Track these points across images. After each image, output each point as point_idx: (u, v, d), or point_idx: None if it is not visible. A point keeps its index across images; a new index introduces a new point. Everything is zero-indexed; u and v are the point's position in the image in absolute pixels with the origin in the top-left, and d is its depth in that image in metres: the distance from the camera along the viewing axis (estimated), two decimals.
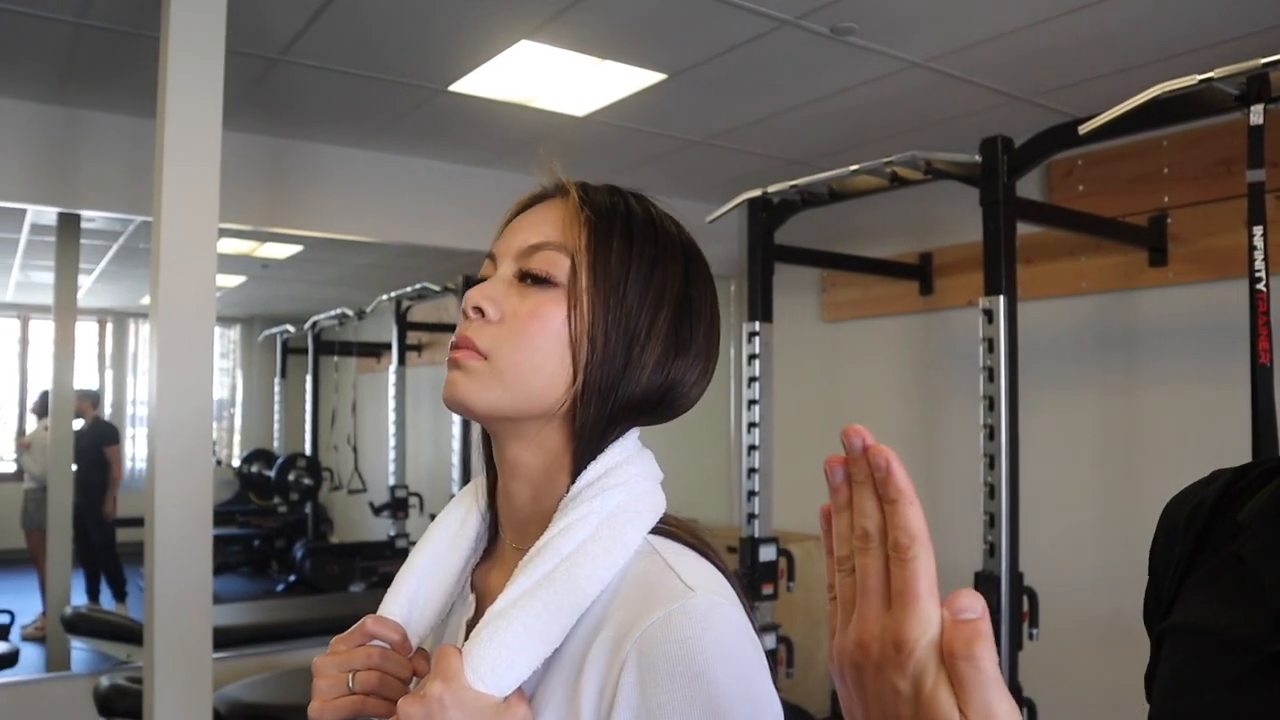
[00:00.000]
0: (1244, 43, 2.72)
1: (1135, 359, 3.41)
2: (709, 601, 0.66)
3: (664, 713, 0.62)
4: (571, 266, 0.75)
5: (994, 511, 2.71)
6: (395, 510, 5.61)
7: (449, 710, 0.63)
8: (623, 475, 0.72)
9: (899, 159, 2.89)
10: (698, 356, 0.78)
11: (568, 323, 0.74)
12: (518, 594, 0.67)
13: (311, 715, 0.75)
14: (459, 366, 0.75)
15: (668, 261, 0.78)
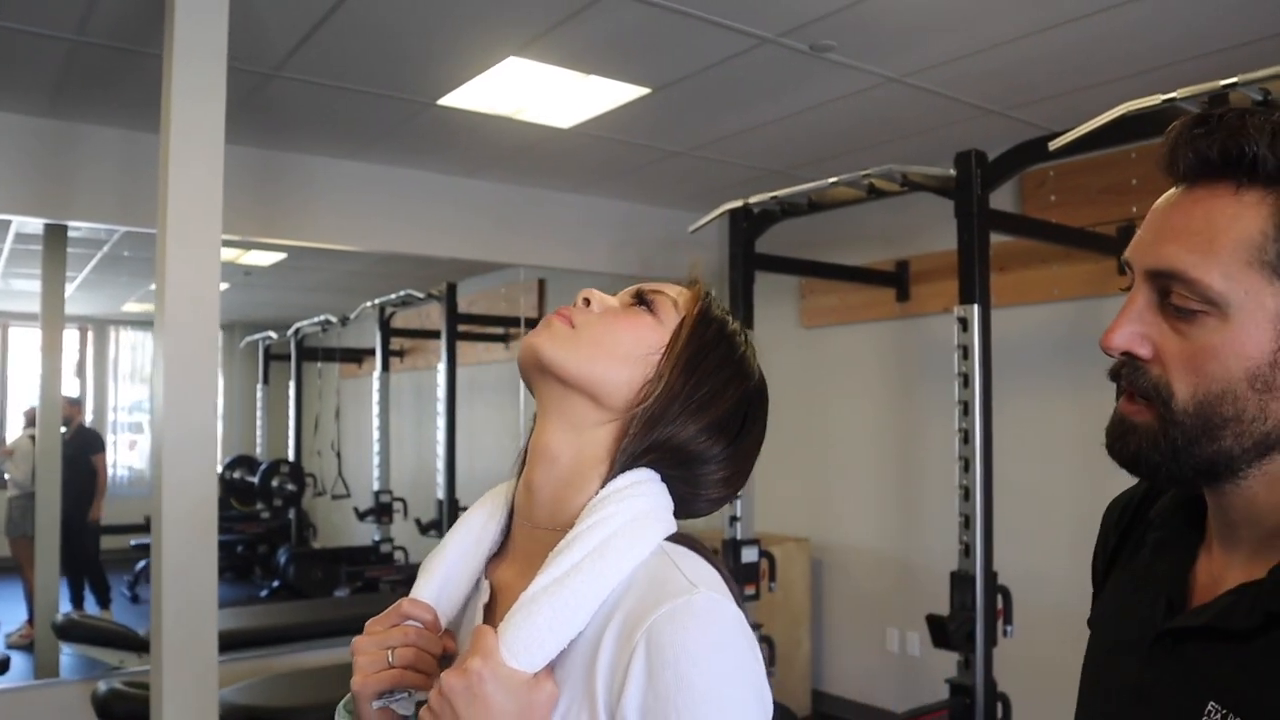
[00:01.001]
0: (1203, 61, 2.84)
1: (1104, 364, 3.50)
2: (709, 598, 0.73)
3: (669, 695, 0.69)
4: (677, 321, 0.85)
5: (969, 513, 2.81)
6: (380, 515, 5.66)
7: (487, 684, 0.71)
8: (647, 489, 0.81)
9: (876, 171, 2.99)
10: (729, 460, 0.85)
11: (656, 347, 0.84)
12: (549, 581, 0.75)
13: (355, 688, 0.81)
14: (547, 326, 0.84)
15: (743, 373, 0.87)
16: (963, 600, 2.75)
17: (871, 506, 4.32)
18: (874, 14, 2.58)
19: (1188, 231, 0.72)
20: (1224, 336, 0.71)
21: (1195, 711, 0.72)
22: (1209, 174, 0.73)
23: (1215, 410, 0.72)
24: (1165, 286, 0.74)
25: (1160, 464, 0.76)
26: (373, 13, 2.57)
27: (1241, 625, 0.71)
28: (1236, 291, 0.70)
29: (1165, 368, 0.74)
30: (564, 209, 4.67)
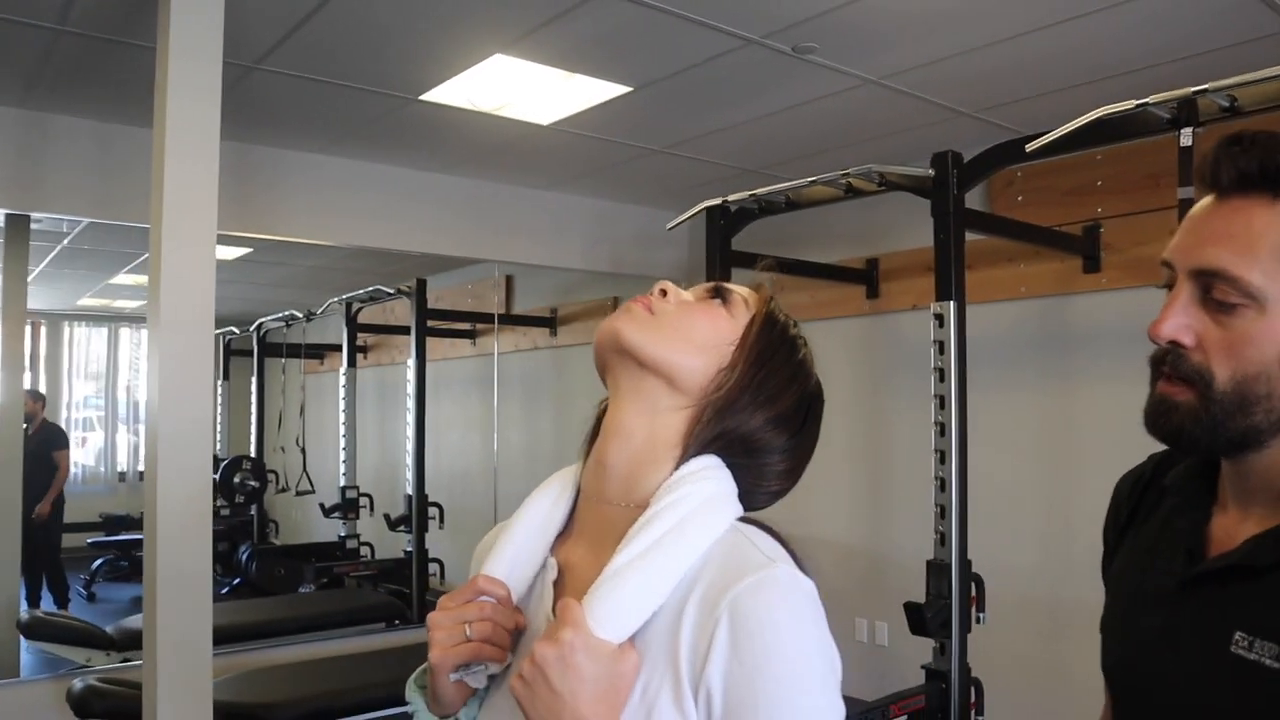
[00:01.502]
0: (1167, 68, 2.95)
1: (1071, 359, 3.63)
2: (789, 572, 0.78)
3: (753, 662, 0.74)
4: (749, 315, 0.90)
5: (944, 504, 2.89)
6: (346, 511, 5.64)
7: (578, 653, 0.74)
8: (718, 474, 0.85)
9: (855, 171, 3.06)
10: (790, 452, 0.90)
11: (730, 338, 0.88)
12: (633, 555, 0.78)
13: (433, 662, 0.84)
14: (628, 311, 0.88)
15: (804, 372, 0.93)
16: (939, 588, 2.83)
17: (840, 499, 4.40)
18: (856, 18, 2.65)
19: (1229, 235, 0.83)
20: (1261, 326, 0.82)
21: (1224, 642, 0.83)
22: (1246, 187, 0.84)
23: (1251, 389, 0.83)
24: (1208, 283, 0.84)
25: (1200, 437, 0.86)
26: (364, 8, 2.59)
27: (1265, 561, 0.83)
28: (1274, 287, 0.81)
29: (1206, 354, 0.85)
30: (538, 205, 4.69)
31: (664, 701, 0.76)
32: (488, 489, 5.35)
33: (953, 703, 2.82)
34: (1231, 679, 0.83)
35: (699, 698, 0.75)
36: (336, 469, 5.73)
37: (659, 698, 0.76)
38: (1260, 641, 0.81)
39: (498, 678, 0.87)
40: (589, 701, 0.74)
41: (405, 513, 5.22)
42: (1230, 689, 0.84)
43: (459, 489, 5.66)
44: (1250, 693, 0.82)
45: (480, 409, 5.63)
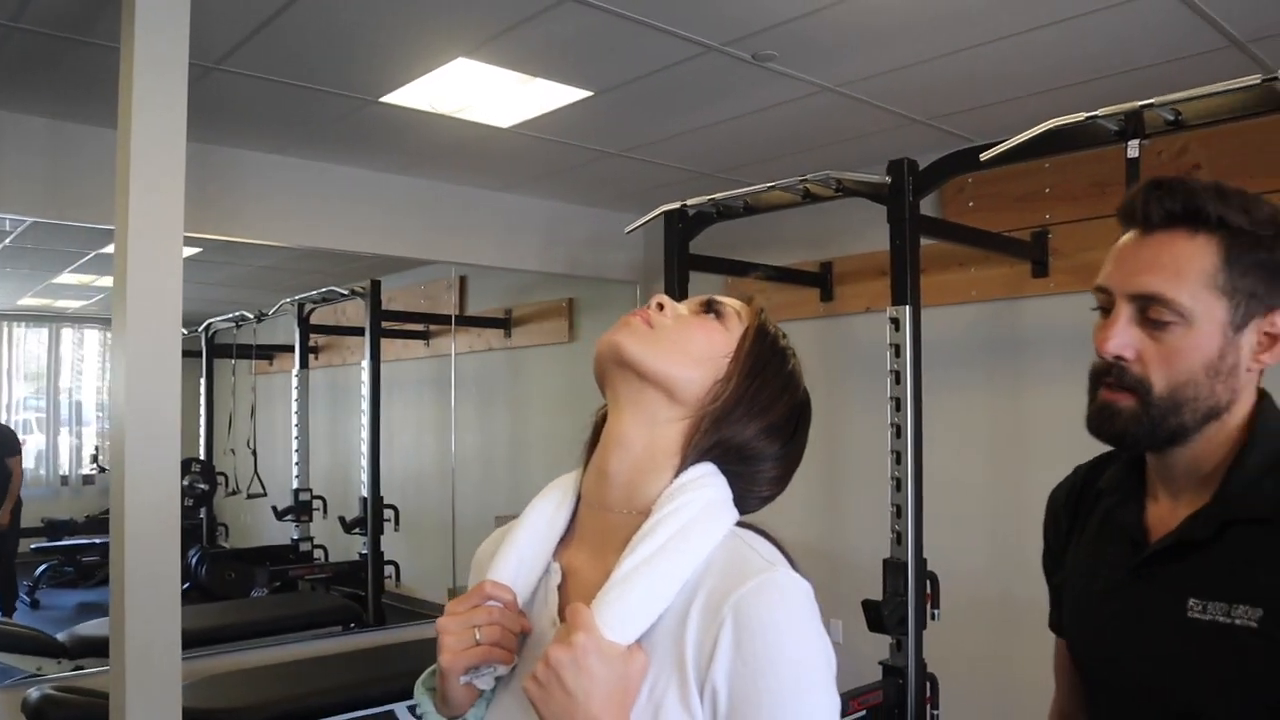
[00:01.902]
0: (1114, 79, 3.04)
1: (1020, 362, 3.72)
2: (788, 575, 0.83)
3: (756, 661, 0.78)
4: (741, 328, 0.95)
5: (900, 503, 2.95)
6: (299, 514, 5.59)
7: (590, 656, 0.78)
8: (713, 481, 0.89)
9: (813, 177, 3.11)
10: (781, 460, 0.96)
11: (725, 351, 0.92)
12: (639, 561, 0.82)
13: (443, 665, 0.87)
14: (626, 325, 0.92)
15: (795, 384, 0.98)
16: (895, 586, 2.90)
17: (797, 500, 4.42)
18: (815, 28, 2.70)
19: (1160, 265, 0.99)
20: (1190, 340, 0.99)
21: (1180, 611, 0.98)
22: (1170, 223, 1.00)
23: (1182, 394, 1.00)
24: (1145, 305, 1.00)
25: (1141, 436, 1.02)
26: (328, 11, 2.58)
27: (1202, 535, 0.99)
28: (1199, 307, 0.98)
29: (1145, 366, 1.01)
30: (495, 207, 4.69)
31: (671, 700, 0.80)
32: (444, 491, 5.34)
33: (909, 697, 2.89)
34: (1193, 641, 0.96)
35: (705, 696, 0.79)
36: (289, 471, 5.68)
37: (666, 696, 0.80)
38: (1212, 603, 0.95)
39: (504, 679, 0.90)
40: (601, 701, 0.77)
41: (360, 515, 5.19)
42: (1194, 650, 0.96)
43: (414, 491, 5.64)
44: (1212, 648, 0.95)
45: (435, 410, 5.61)
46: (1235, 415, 1.02)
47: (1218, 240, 0.98)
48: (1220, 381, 0.99)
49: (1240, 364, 1.00)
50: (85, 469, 5.72)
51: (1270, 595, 0.93)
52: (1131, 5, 2.55)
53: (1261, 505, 0.97)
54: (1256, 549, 0.96)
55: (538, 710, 0.80)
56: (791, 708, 0.78)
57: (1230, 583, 0.96)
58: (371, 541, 5.07)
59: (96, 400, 5.85)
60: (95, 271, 4.91)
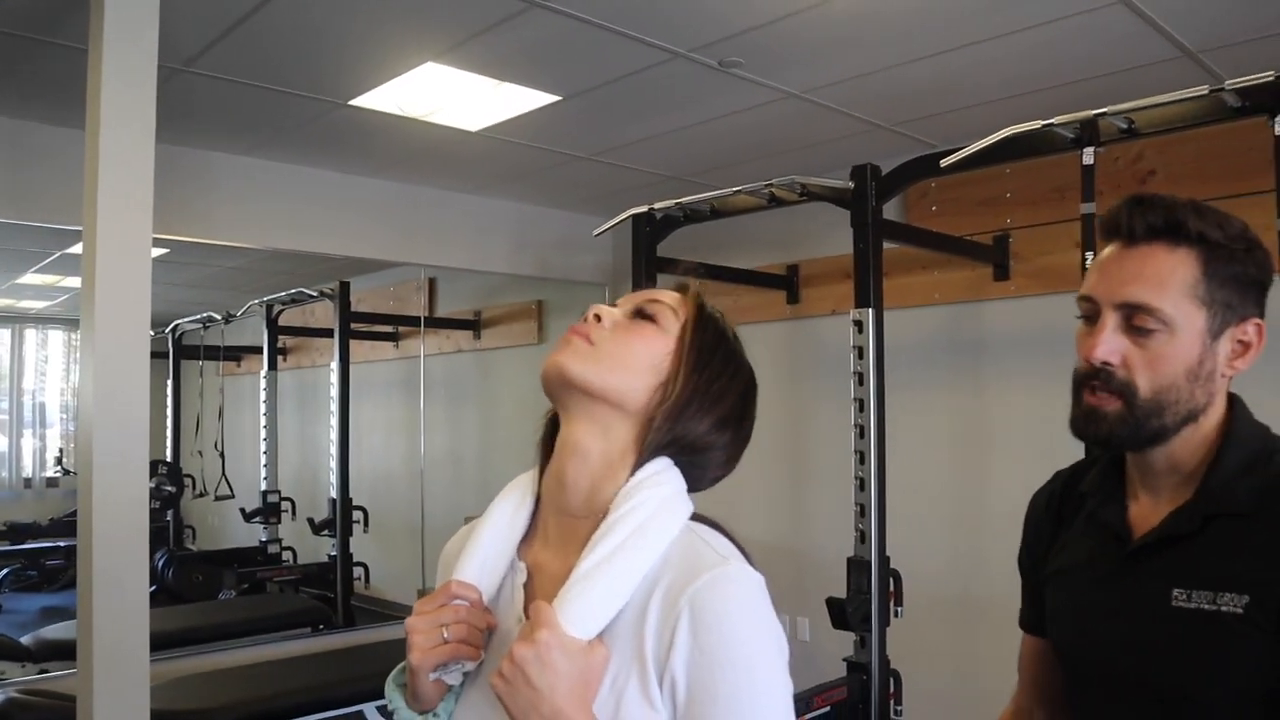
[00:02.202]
0: (1072, 87, 3.11)
1: (982, 364, 3.79)
2: (741, 568, 0.87)
3: (712, 650, 0.82)
4: (679, 326, 0.97)
5: (864, 502, 3.01)
6: (267, 516, 5.57)
7: (553, 651, 0.81)
8: (668, 478, 0.93)
9: (778, 182, 3.16)
10: (732, 444, 0.99)
11: (666, 355, 0.95)
12: (598, 559, 0.86)
13: (413, 663, 0.90)
14: (568, 344, 0.94)
15: (741, 369, 1.01)
16: (859, 584, 2.95)
17: (763, 499, 4.51)
18: (780, 35, 2.74)
19: (1143, 277, 1.06)
20: (1172, 347, 1.05)
21: (1164, 601, 1.04)
22: (1152, 236, 1.07)
23: (1165, 397, 1.06)
24: (1130, 314, 1.06)
25: (1126, 437, 1.09)
26: (297, 14, 2.60)
27: (1186, 529, 1.06)
28: (1180, 315, 1.05)
29: (1130, 371, 1.07)
30: (464, 209, 4.71)
31: (632, 691, 0.84)
32: (413, 492, 5.35)
33: (873, 694, 2.94)
34: (1178, 628, 1.02)
35: (664, 685, 0.83)
36: (257, 473, 5.66)
37: (627, 688, 0.84)
38: (1195, 592, 1.02)
39: (472, 674, 0.94)
40: (564, 695, 0.81)
41: (329, 517, 5.18)
42: (1179, 636, 1.03)
43: (383, 492, 5.64)
44: (1197, 634, 1.01)
45: (404, 412, 5.61)
46: (1210, 418, 1.09)
47: (1197, 253, 1.05)
48: (1199, 386, 1.06)
49: (1217, 369, 1.07)
50: (49, 471, 5.67)
51: (1255, 583, 0.98)
52: (1089, 16, 2.62)
53: (1242, 500, 1.03)
54: (1239, 541, 1.02)
55: (504, 704, 0.83)
56: (746, 694, 0.82)
57: (1215, 572, 1.02)
58: (340, 543, 5.07)
59: (61, 402, 5.80)
60: (60, 272, 4.87)
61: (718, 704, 0.82)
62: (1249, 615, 0.98)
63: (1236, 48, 2.81)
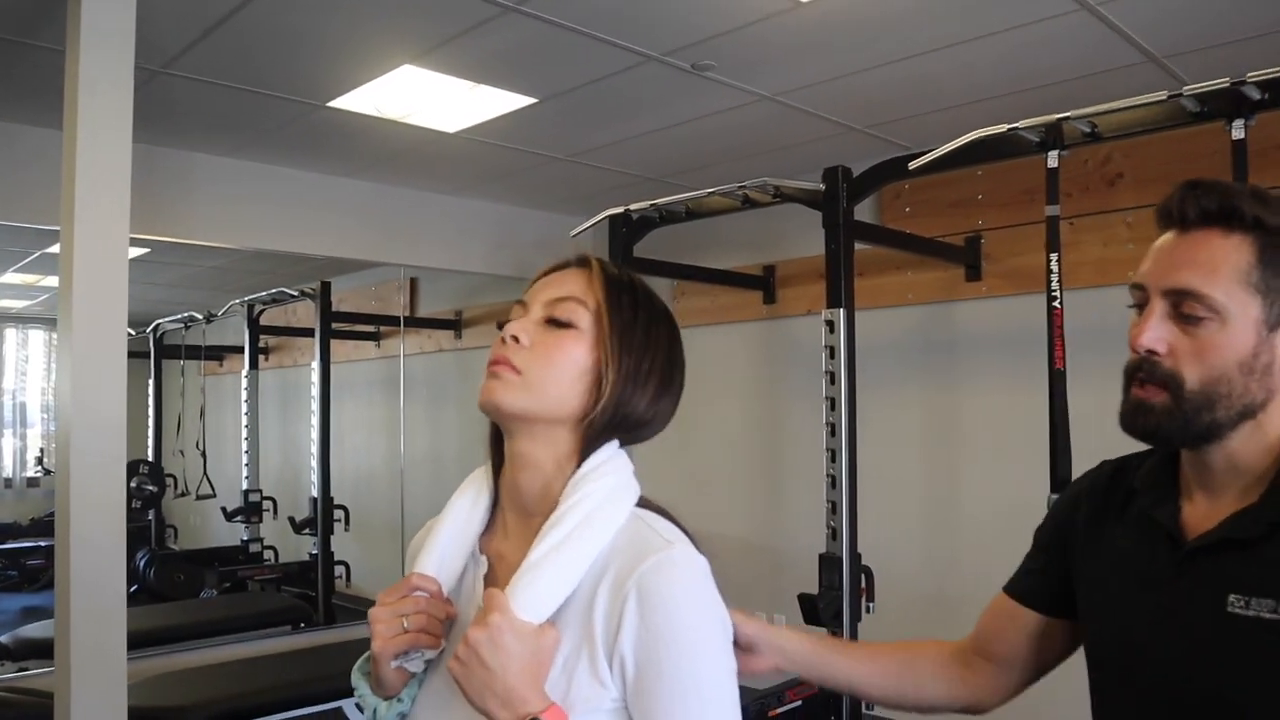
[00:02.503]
0: (1039, 92, 3.17)
1: (954, 363, 3.84)
2: (685, 552, 0.92)
3: (658, 629, 0.87)
4: (594, 317, 0.98)
5: (835, 500, 3.05)
6: (249, 515, 5.59)
7: (505, 634, 0.86)
8: (614, 466, 0.98)
9: (751, 184, 3.20)
10: (673, 397, 1.03)
11: (590, 356, 0.97)
12: (547, 549, 0.91)
13: (375, 651, 0.96)
14: (496, 377, 0.96)
15: (661, 322, 1.02)
16: (831, 580, 2.99)
17: (739, 496, 4.55)
18: (752, 39, 2.78)
19: (1195, 263, 1.00)
20: (1223, 337, 0.99)
21: (1220, 606, 0.99)
22: (1206, 222, 1.01)
23: (1214, 389, 1.00)
24: (1178, 301, 1.01)
25: (1174, 432, 1.03)
26: (274, 18, 2.62)
27: (1249, 534, 0.99)
28: (1233, 303, 0.99)
29: (1177, 361, 1.01)
30: (443, 210, 4.74)
31: (582, 670, 0.89)
32: (394, 491, 5.38)
33: None
34: (1232, 636, 0.97)
35: (614, 664, 0.88)
36: (238, 472, 5.67)
37: (578, 667, 0.89)
38: (1256, 599, 0.96)
39: (434, 662, 0.98)
40: (516, 673, 0.86)
41: (310, 516, 5.21)
42: (1233, 645, 0.98)
43: (365, 491, 5.66)
44: (1251, 644, 0.96)
45: (385, 411, 5.64)
46: (1275, 417, 1.02)
47: (1253, 239, 0.99)
48: (1254, 380, 1.00)
49: (1275, 363, 1.01)
50: (30, 471, 5.66)
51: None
52: (1055, 22, 2.67)
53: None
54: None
55: (461, 686, 0.88)
56: (689, 670, 0.87)
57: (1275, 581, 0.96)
58: (322, 542, 5.10)
59: (41, 402, 5.78)
60: (40, 271, 4.88)
61: (663, 679, 0.87)
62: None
63: (1203, 53, 2.87)
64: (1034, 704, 1.55)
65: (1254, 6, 2.59)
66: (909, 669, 1.39)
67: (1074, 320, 2.63)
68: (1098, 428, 2.15)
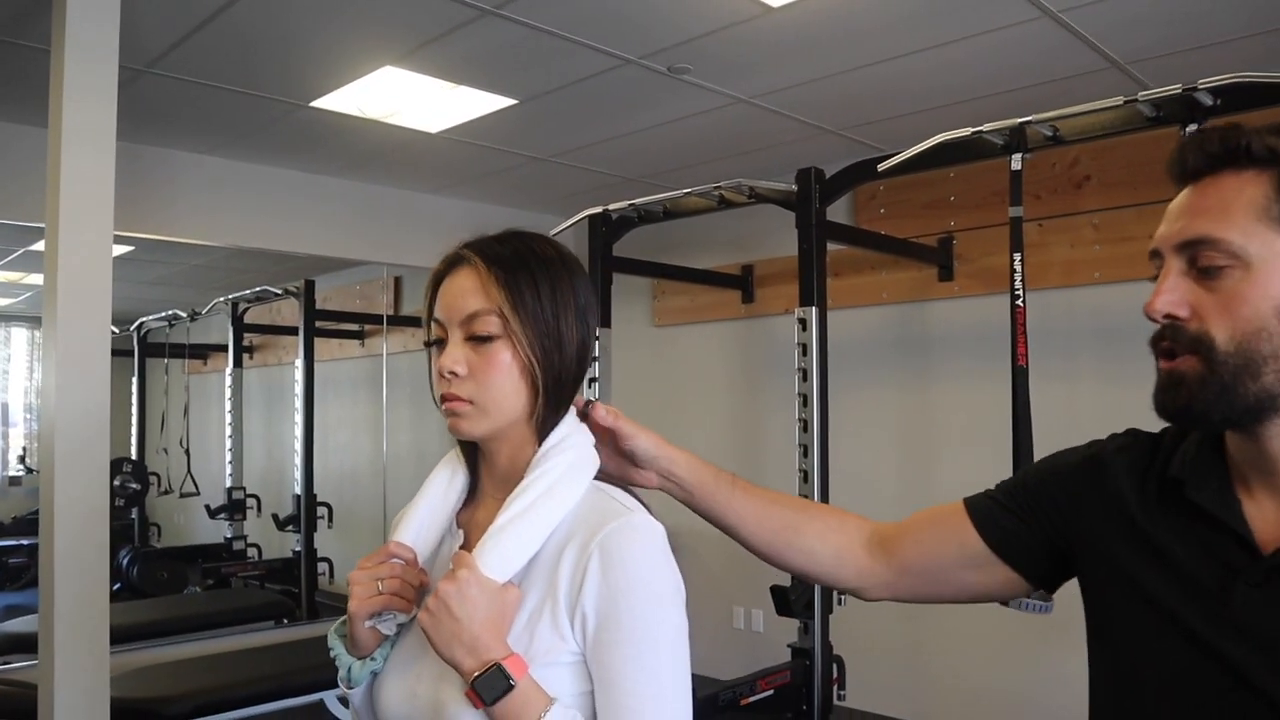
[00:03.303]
0: (1005, 96, 3.26)
1: (927, 360, 3.92)
2: (644, 517, 1.01)
3: (617, 585, 0.95)
4: (502, 319, 1.03)
5: (808, 494, 3.11)
6: (232, 512, 5.62)
7: (471, 587, 0.94)
8: (573, 441, 1.06)
9: (727, 185, 3.27)
10: (592, 325, 1.10)
11: (516, 358, 1.04)
12: (511, 516, 0.99)
13: (351, 611, 1.04)
14: (455, 414, 1.04)
15: (562, 278, 1.06)
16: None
17: None
18: (727, 42, 2.85)
19: (1205, 208, 0.88)
20: (1250, 283, 0.85)
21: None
22: (1212, 168, 0.89)
23: (1254, 348, 0.84)
24: (1193, 254, 0.87)
25: (1212, 405, 0.86)
26: (258, 19, 2.68)
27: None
28: (1254, 243, 0.85)
29: (1203, 321, 0.87)
30: (426, 209, 4.79)
31: (544, 625, 0.97)
32: (377, 488, 5.42)
33: (816, 677, 3.05)
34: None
35: (575, 619, 0.96)
36: (222, 470, 5.70)
37: (540, 622, 0.98)
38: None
39: (406, 626, 1.06)
40: (481, 624, 0.94)
41: (294, 513, 5.25)
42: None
43: (348, 488, 5.70)
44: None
45: (369, 409, 5.67)
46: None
47: (1270, 173, 0.86)
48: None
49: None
50: (12, 470, 5.66)
51: None
52: (1018, 29, 2.75)
53: None
54: None
55: (429, 636, 0.96)
56: (644, 624, 0.95)
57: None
58: (305, 539, 5.14)
59: (24, 401, 5.79)
60: (23, 269, 4.90)
61: (621, 631, 0.95)
62: None
63: (1165, 58, 2.95)
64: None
65: (1211, 15, 2.68)
66: (800, 527, 1.24)
67: (1041, 320, 2.71)
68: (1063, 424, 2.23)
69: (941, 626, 3.77)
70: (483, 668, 0.92)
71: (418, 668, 1.02)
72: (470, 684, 0.92)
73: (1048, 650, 3.39)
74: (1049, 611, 2.37)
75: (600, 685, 0.95)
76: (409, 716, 1.01)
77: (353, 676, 1.06)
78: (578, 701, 0.96)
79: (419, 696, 1.00)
